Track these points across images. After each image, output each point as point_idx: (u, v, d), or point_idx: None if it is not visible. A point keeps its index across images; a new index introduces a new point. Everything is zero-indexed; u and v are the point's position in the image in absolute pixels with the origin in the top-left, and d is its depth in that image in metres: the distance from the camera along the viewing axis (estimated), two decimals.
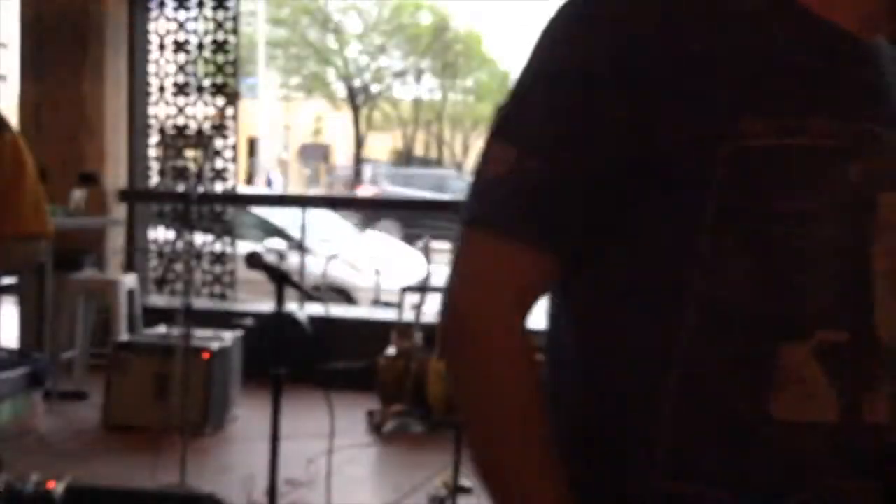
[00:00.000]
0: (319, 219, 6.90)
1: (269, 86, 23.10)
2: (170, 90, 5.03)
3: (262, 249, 5.30)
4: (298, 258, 4.93)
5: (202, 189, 4.75)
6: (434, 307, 3.91)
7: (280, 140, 24.37)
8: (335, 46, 22.68)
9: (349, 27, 22.69)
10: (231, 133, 4.95)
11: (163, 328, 3.86)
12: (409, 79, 23.90)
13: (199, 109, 5.01)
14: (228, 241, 5.03)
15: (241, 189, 7.10)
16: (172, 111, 5.04)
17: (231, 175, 5.01)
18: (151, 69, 5.05)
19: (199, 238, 4.87)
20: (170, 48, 5.02)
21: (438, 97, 24.81)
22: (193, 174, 4.90)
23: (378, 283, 4.83)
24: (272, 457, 2.29)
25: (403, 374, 3.75)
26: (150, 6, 5.04)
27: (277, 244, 5.90)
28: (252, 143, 21.44)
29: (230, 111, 4.94)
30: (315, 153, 25.59)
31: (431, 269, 4.21)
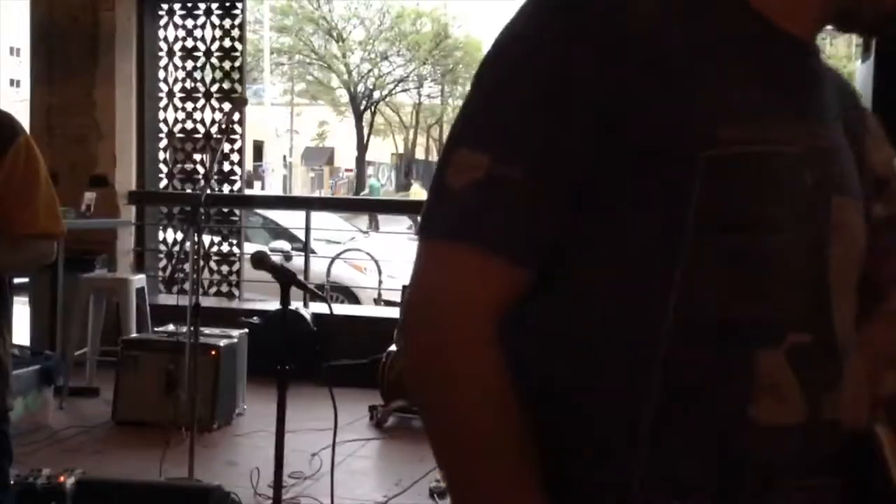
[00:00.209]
0: (323, 220, 6.97)
1: (275, 92, 23.15)
2: (178, 95, 5.10)
3: (268, 250, 5.37)
4: (303, 259, 5.00)
5: (210, 191, 4.81)
6: None
7: (285, 144, 24.42)
8: (338, 54, 22.75)
9: (352, 35, 22.76)
10: (238, 137, 5.01)
11: (171, 326, 3.90)
12: (411, 85, 23.96)
13: (207, 114, 5.08)
14: (235, 242, 5.10)
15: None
16: (181, 115, 5.11)
17: (238, 178, 5.08)
18: (160, 74, 5.10)
19: (207, 239, 4.92)
20: (178, 54, 5.09)
21: (439, 102, 24.85)
22: (201, 177, 4.96)
23: (380, 282, 4.89)
24: (277, 451, 2.31)
25: (403, 369, 3.79)
26: (160, 13, 5.12)
27: (283, 245, 5.95)
28: (258, 147, 21.50)
29: (237, 116, 5.01)
30: (319, 157, 25.61)
31: None
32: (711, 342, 0.64)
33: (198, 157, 5.10)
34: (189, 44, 5.07)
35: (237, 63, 5.03)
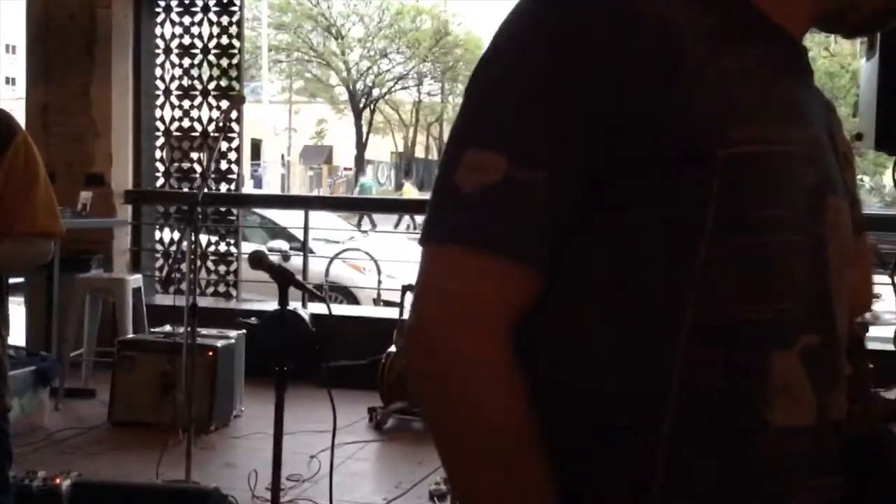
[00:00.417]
0: (322, 219, 6.95)
1: (273, 89, 23.16)
2: (175, 93, 5.08)
3: (266, 250, 5.35)
4: (301, 258, 4.97)
5: (207, 190, 4.79)
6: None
7: (283, 142, 24.42)
8: (337, 51, 22.77)
9: (351, 32, 22.77)
10: (236, 135, 5.00)
11: (168, 327, 3.89)
12: (410, 83, 23.97)
13: (205, 112, 5.06)
14: (233, 242, 5.08)
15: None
16: (178, 113, 5.09)
17: (236, 176, 5.06)
18: (157, 72, 5.09)
19: (204, 238, 4.91)
20: (175, 52, 5.07)
21: (438, 100, 24.87)
22: (198, 175, 4.94)
23: (380, 282, 4.87)
24: (276, 453, 2.30)
25: (404, 373, 3.78)
26: (156, 10, 5.10)
27: (281, 244, 5.94)
28: (256, 146, 21.49)
29: (234, 114, 4.99)
30: (317, 155, 25.63)
31: None
32: (727, 344, 0.63)
33: (195, 156, 5.08)
34: (186, 41, 5.06)
35: (235, 60, 5.01)
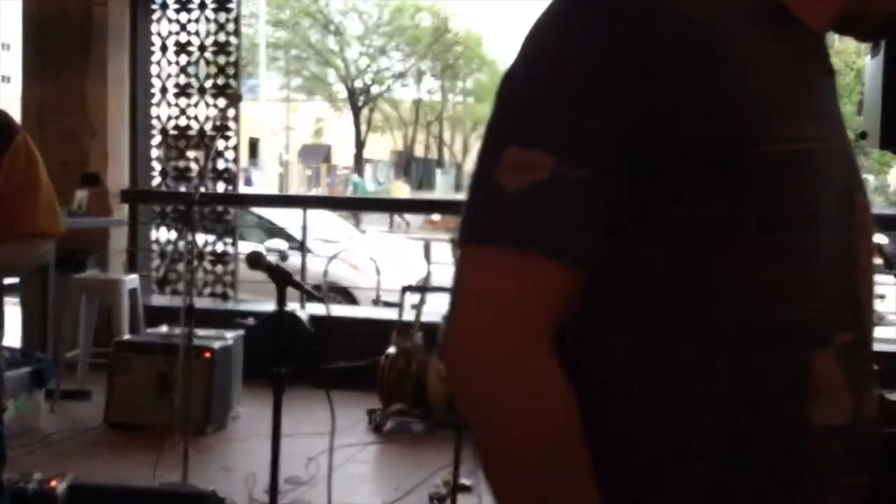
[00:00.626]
0: (320, 219, 6.93)
1: (270, 87, 23.13)
2: (172, 91, 5.05)
3: (264, 250, 5.32)
4: (300, 258, 4.95)
5: (204, 189, 4.77)
6: (434, 306, 3.93)
7: (281, 141, 24.40)
8: (336, 48, 22.74)
9: (350, 29, 22.75)
10: (233, 134, 4.97)
11: (165, 328, 3.87)
12: (410, 80, 23.95)
13: (201, 110, 5.03)
14: (230, 242, 5.05)
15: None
16: (174, 112, 5.06)
17: (233, 175, 5.03)
18: (154, 70, 5.06)
19: (201, 238, 4.89)
20: (172, 49, 5.04)
21: (438, 98, 24.87)
22: (195, 175, 4.92)
23: (379, 283, 4.85)
24: (273, 455, 2.30)
25: (404, 374, 3.76)
26: (153, 8, 5.06)
27: (278, 244, 5.91)
28: (253, 144, 21.46)
29: (231, 112, 4.96)
30: (315, 154, 25.61)
31: (432, 269, 4.23)
32: (769, 344, 0.63)
33: (192, 155, 5.05)
34: (183, 38, 5.03)
35: (232, 58, 4.99)
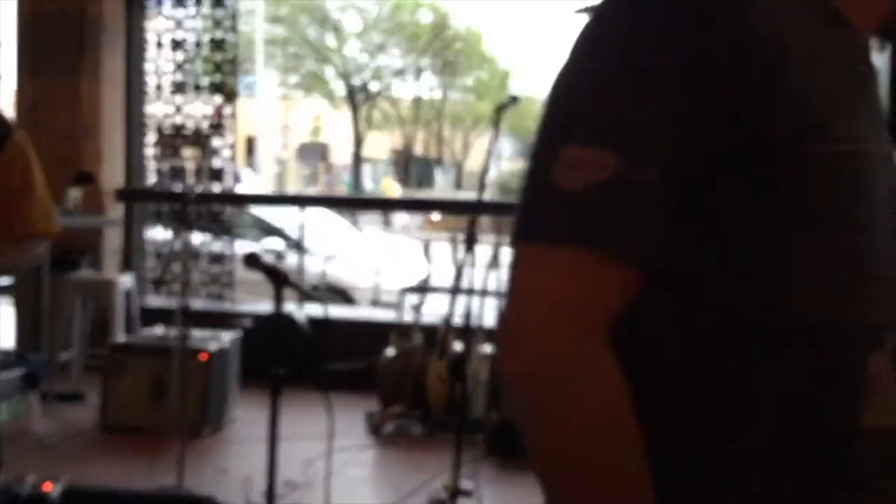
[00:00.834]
0: (318, 218, 6.89)
1: (268, 84, 23.09)
2: (167, 89, 5.02)
3: (260, 249, 5.29)
4: (297, 258, 4.92)
5: (200, 188, 4.74)
6: (434, 307, 3.90)
7: (278, 139, 24.37)
8: (334, 45, 22.69)
9: (348, 25, 22.69)
10: (229, 132, 4.95)
11: (160, 329, 3.85)
12: (409, 77, 23.90)
13: (197, 108, 4.99)
14: (226, 241, 5.02)
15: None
16: (170, 110, 5.03)
17: (229, 174, 5.00)
18: (149, 68, 5.04)
19: (197, 238, 4.86)
20: (167, 46, 5.01)
21: (438, 96, 24.83)
22: (191, 173, 4.89)
23: (377, 284, 4.82)
24: (270, 458, 2.29)
25: (403, 376, 3.74)
26: (148, 4, 5.03)
27: (275, 244, 5.88)
28: (250, 143, 21.43)
29: (228, 110, 4.93)
30: (314, 152, 25.58)
31: (431, 270, 4.20)
32: (823, 344, 0.64)
33: (187, 153, 5.02)
34: (179, 35, 4.99)
35: (228, 55, 4.96)
